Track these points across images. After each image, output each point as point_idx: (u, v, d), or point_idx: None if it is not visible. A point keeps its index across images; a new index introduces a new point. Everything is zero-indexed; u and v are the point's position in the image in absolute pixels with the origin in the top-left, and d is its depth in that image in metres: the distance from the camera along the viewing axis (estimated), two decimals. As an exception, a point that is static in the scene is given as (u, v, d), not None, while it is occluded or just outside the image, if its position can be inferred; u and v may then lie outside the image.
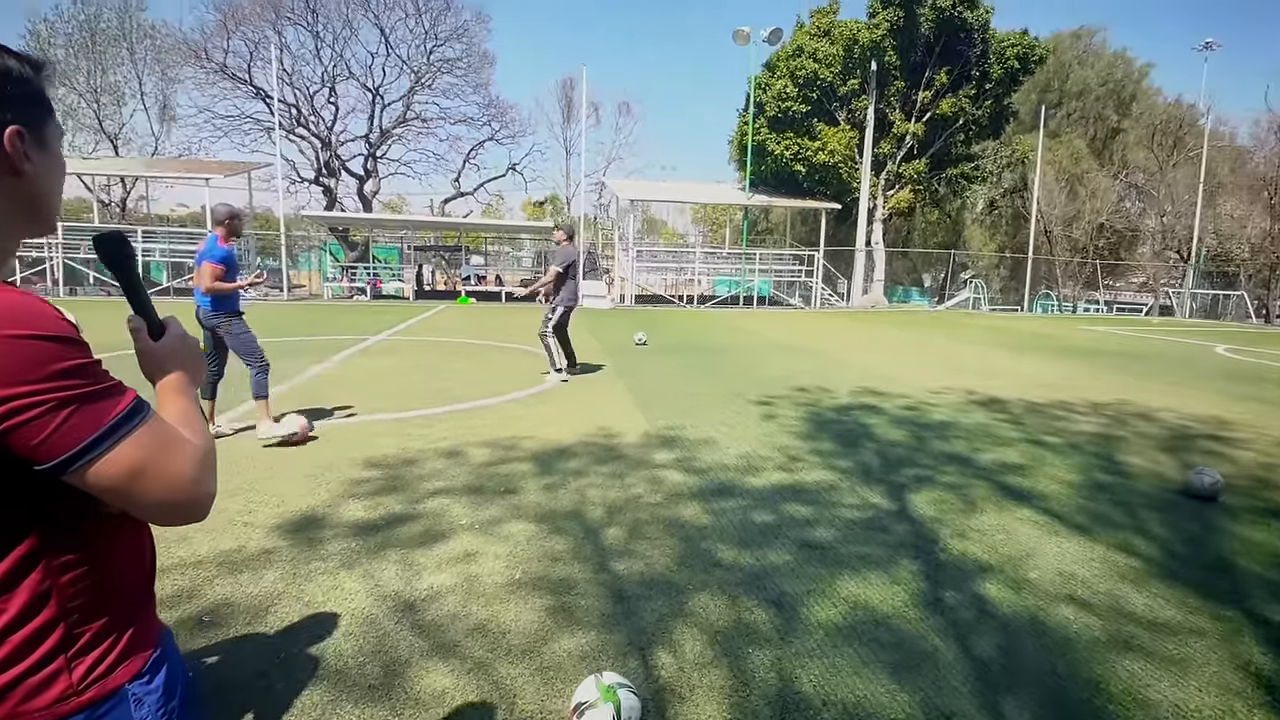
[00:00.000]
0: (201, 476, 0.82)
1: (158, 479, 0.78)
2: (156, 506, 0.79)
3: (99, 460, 0.74)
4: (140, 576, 0.92)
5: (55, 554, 0.79)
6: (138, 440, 0.77)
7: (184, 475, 0.80)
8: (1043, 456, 5.31)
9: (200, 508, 0.83)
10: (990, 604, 2.94)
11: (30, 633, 0.78)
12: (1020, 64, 28.67)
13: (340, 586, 2.92)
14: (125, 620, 0.88)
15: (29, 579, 0.77)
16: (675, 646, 2.55)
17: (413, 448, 5.03)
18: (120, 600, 0.87)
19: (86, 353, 0.77)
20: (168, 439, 0.81)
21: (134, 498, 0.78)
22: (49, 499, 0.77)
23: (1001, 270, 39.30)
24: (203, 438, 0.86)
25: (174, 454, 0.80)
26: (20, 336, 0.71)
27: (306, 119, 33.23)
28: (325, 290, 27.30)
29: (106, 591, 0.85)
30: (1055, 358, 12.32)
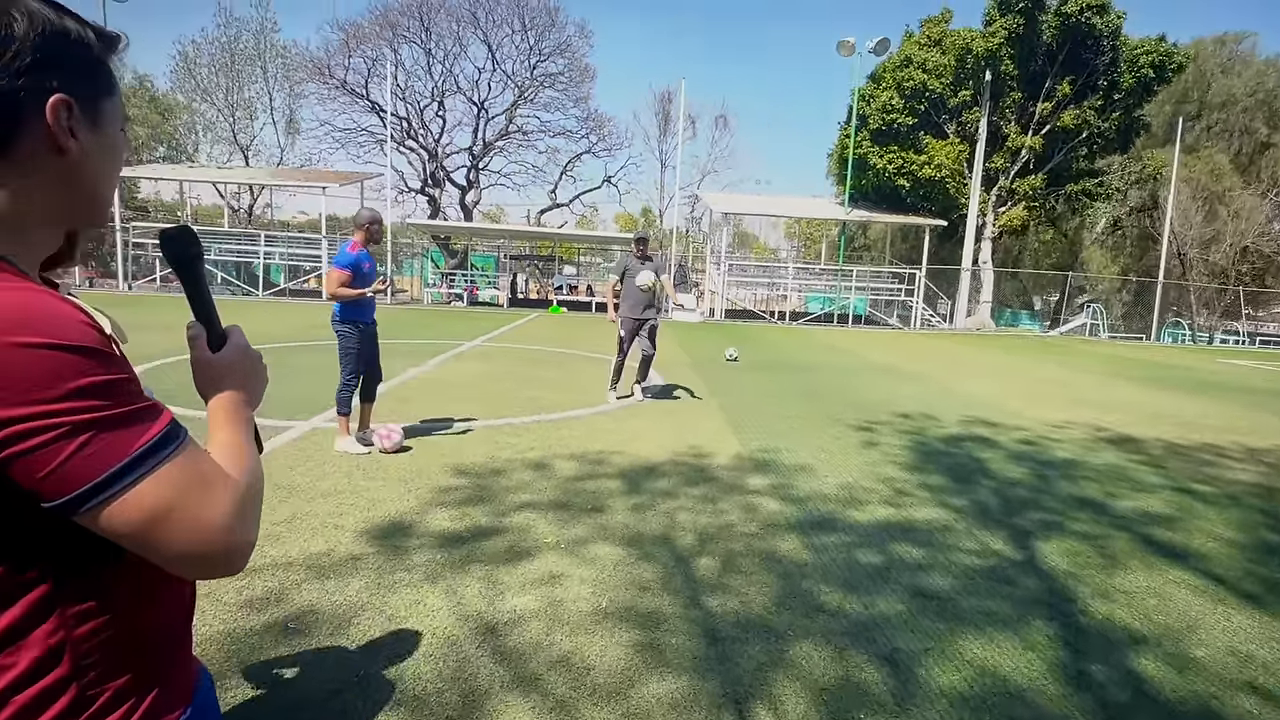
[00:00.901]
0: (238, 524, 0.67)
1: (184, 524, 0.63)
2: (180, 557, 0.64)
3: (115, 500, 0.60)
4: (172, 626, 0.77)
5: (72, 601, 0.66)
6: (165, 477, 0.62)
7: (217, 522, 0.65)
8: (1193, 508, 4.67)
9: (234, 559, 0.67)
10: (1149, 684, 2.50)
11: (37, 693, 0.64)
12: (1155, 73, 26.47)
13: (423, 601, 2.82)
14: (151, 677, 0.73)
15: (40, 630, 0.64)
16: (776, 703, 2.28)
17: (501, 457, 4.96)
18: (147, 654, 0.73)
19: (114, 367, 0.62)
20: (203, 476, 0.66)
21: (153, 545, 0.63)
22: (65, 539, 0.63)
23: (1124, 295, 36.33)
24: (248, 474, 0.71)
25: (209, 495, 0.65)
26: (30, 345, 0.57)
27: (416, 132, 34.87)
28: (425, 295, 28.42)
29: (130, 645, 0.71)
30: (1193, 393, 11.10)
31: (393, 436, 4.90)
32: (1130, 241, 37.15)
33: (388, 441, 4.88)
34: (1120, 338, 29.80)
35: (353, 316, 4.95)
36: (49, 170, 0.67)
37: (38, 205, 0.67)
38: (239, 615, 2.63)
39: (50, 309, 0.59)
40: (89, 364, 0.59)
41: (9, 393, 0.55)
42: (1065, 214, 31.70)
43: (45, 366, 0.57)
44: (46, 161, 0.66)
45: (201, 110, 37.41)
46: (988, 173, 28.41)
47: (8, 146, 0.64)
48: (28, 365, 0.56)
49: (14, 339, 0.56)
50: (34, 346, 0.57)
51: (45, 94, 0.64)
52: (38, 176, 0.66)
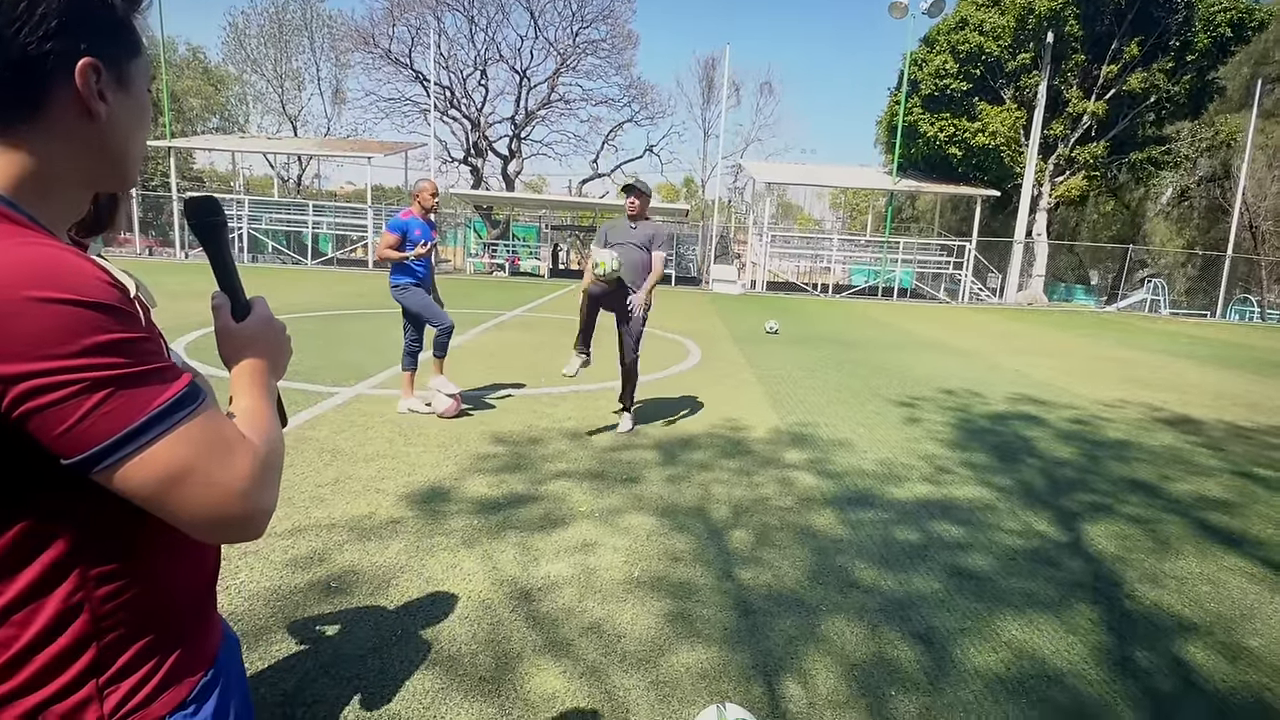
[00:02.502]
0: (256, 489, 0.66)
1: (202, 487, 0.63)
2: (198, 519, 0.64)
3: (132, 459, 0.60)
4: (196, 589, 0.79)
5: (92, 562, 0.67)
6: (184, 437, 0.62)
7: (235, 485, 0.65)
8: (1255, 493, 4.46)
9: (252, 524, 0.67)
10: (1198, 673, 2.42)
11: (58, 652, 0.66)
12: (1233, 32, 24.80)
13: (459, 565, 2.88)
14: (173, 640, 0.75)
15: (59, 590, 0.65)
16: (806, 677, 2.28)
17: (539, 426, 5.01)
18: (169, 617, 0.74)
19: (134, 325, 0.62)
20: (223, 439, 0.66)
21: (170, 507, 0.63)
22: (85, 498, 0.64)
23: (1189, 269, 34.62)
24: (268, 441, 0.71)
25: (228, 458, 0.65)
26: (49, 300, 0.57)
27: (459, 101, 34.98)
28: (468, 265, 28.74)
29: (152, 607, 0.72)
30: (1260, 373, 10.57)
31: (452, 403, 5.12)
32: (1198, 213, 35.25)
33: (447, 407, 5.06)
34: (1183, 314, 28.49)
35: (402, 280, 5.17)
36: (77, 134, 0.66)
37: (65, 168, 0.67)
38: (284, 573, 2.73)
39: (71, 265, 0.59)
40: (108, 321, 0.60)
41: (26, 347, 0.56)
42: (1128, 184, 30.25)
43: (63, 322, 0.57)
44: (75, 125, 0.66)
45: (251, 81, 38.16)
46: (1045, 140, 27.20)
47: (37, 111, 0.64)
48: (46, 320, 0.56)
49: (33, 293, 0.56)
50: (53, 301, 0.57)
51: (74, 57, 0.64)
52: (65, 140, 0.66)
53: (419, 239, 5.07)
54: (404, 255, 5.03)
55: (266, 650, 2.24)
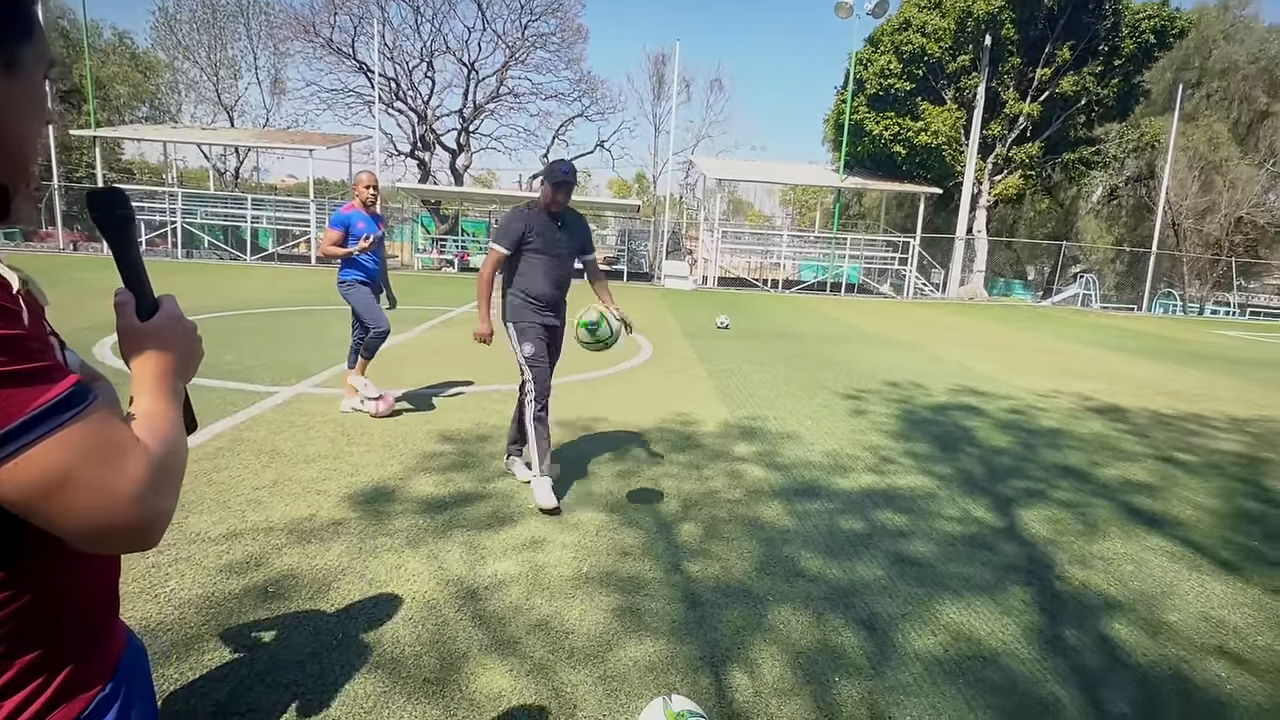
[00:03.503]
0: (151, 494, 0.62)
1: (86, 493, 0.59)
2: (83, 528, 0.60)
3: (6, 464, 0.56)
4: (91, 601, 0.74)
5: None
6: (67, 440, 0.58)
7: (125, 490, 0.61)
8: (1175, 476, 4.71)
9: (144, 533, 0.63)
10: (1121, 649, 2.54)
11: None
12: (1156, 38, 26.10)
13: (404, 566, 2.82)
14: (66, 654, 0.70)
15: None
16: (752, 666, 2.30)
17: (488, 423, 4.95)
18: (59, 631, 0.70)
19: (14, 322, 0.58)
20: (114, 442, 0.62)
21: (51, 515, 0.59)
22: None
23: (1118, 265, 36.31)
24: (167, 444, 0.67)
25: (118, 462, 0.61)
26: None
27: (405, 93, 34.16)
28: (415, 261, 28.16)
29: (40, 621, 0.67)
30: (1183, 364, 11.16)
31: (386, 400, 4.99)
32: (1125, 211, 36.99)
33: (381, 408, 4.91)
34: (1112, 308, 29.88)
35: (350, 276, 5.01)
36: None
37: None
38: (218, 579, 2.63)
39: None
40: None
41: None
42: (1061, 183, 31.53)
43: None
44: None
45: (184, 69, 36.54)
46: (984, 140, 28.11)
47: None
48: None
49: None
50: None
51: None
52: None
53: (362, 233, 4.94)
54: (347, 251, 4.90)
55: (198, 660, 2.15)
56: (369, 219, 5.00)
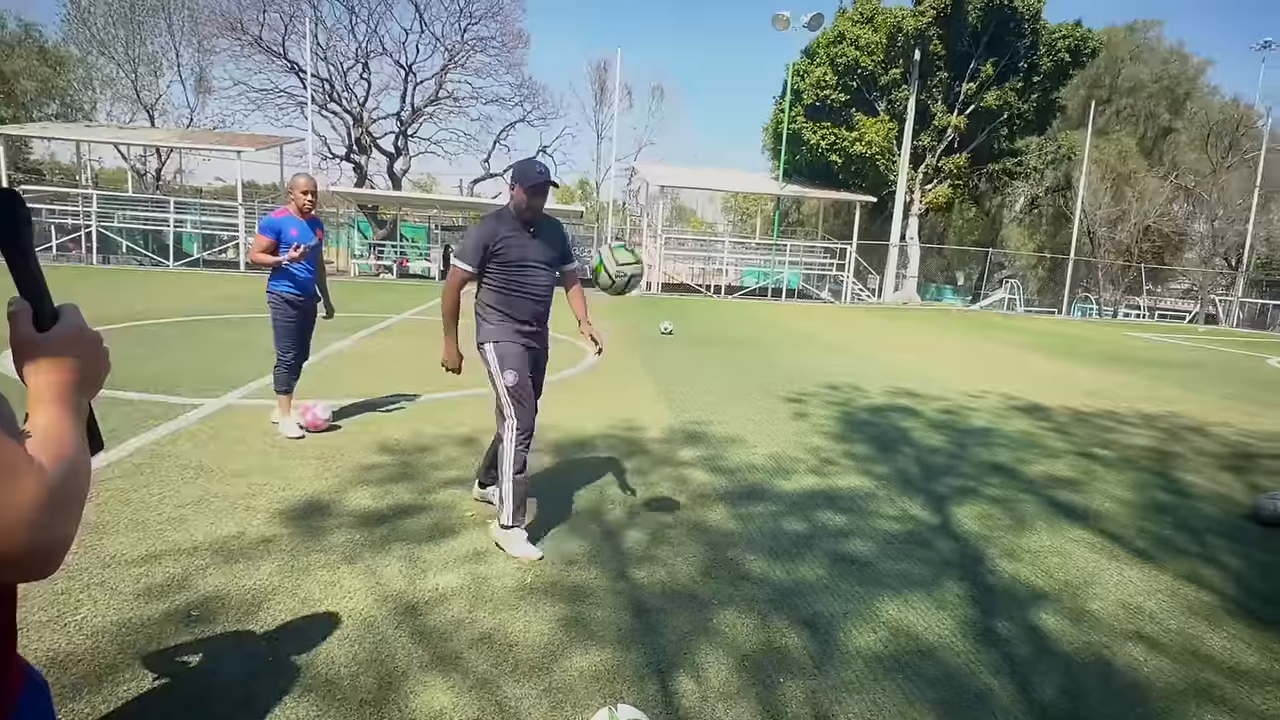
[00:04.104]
0: (46, 518, 0.58)
1: None
2: None
3: None
4: None
5: None
6: None
7: (15, 515, 0.56)
8: (1094, 471, 4.96)
9: (40, 560, 0.58)
10: (1049, 638, 2.65)
11: None
12: (1071, 57, 27.63)
13: (339, 583, 2.71)
14: None
15: None
16: (698, 671, 2.30)
17: (428, 433, 4.83)
18: None
19: None
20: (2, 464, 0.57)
21: None
22: None
23: (1040, 271, 38.21)
24: (65, 463, 0.62)
25: (5, 484, 0.56)
26: None
27: (339, 95, 33.24)
28: (352, 267, 27.38)
29: None
30: (1098, 364, 11.80)
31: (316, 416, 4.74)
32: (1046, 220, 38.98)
33: (310, 417, 4.70)
34: (1035, 311, 31.39)
35: (279, 287, 4.62)
36: None
37: None
38: (136, 605, 2.47)
39: None
40: None
41: None
42: (987, 192, 32.97)
43: None
44: None
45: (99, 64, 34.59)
46: (915, 151, 29.18)
47: None
48: None
49: None
50: None
51: None
52: None
53: (294, 240, 4.58)
54: (277, 260, 4.52)
55: (113, 691, 2.02)
56: (303, 225, 4.65)
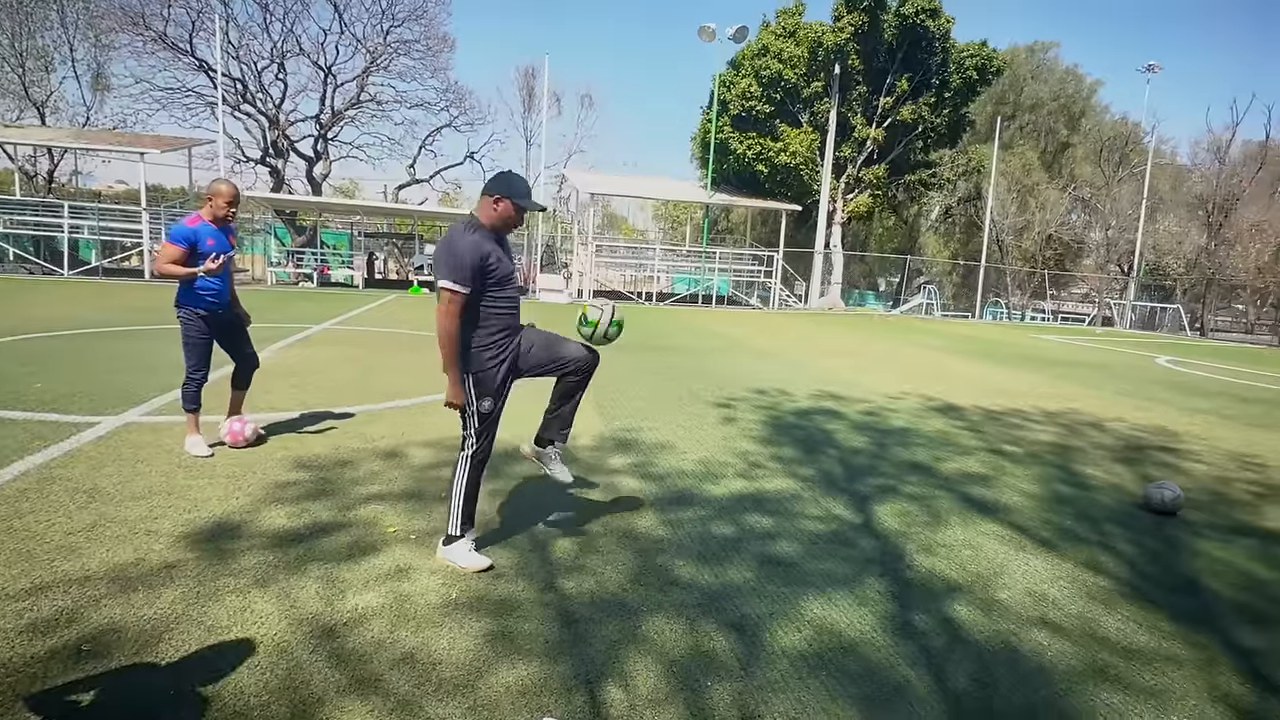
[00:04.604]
0: None
1: None
2: None
3: None
4: None
5: None
6: None
7: None
8: (1003, 467, 5.23)
9: None
10: (962, 628, 2.77)
11: None
12: (978, 75, 29.25)
13: (250, 608, 2.58)
14: None
15: None
16: (627, 679, 2.30)
17: (348, 447, 4.66)
18: None
19: None
20: None
21: None
22: None
23: (954, 277, 40.18)
24: None
25: None
26: None
27: (253, 96, 31.84)
28: (269, 276, 26.22)
29: None
30: (1007, 365, 12.48)
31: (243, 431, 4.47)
32: (959, 228, 41.05)
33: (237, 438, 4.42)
34: (951, 316, 32.98)
35: (190, 301, 4.26)
36: None
37: None
38: (18, 642, 2.28)
39: None
40: None
41: None
42: (905, 202, 34.49)
43: None
44: None
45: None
46: (837, 161, 30.22)
47: None
48: None
49: None
50: None
51: None
52: None
53: (212, 251, 4.21)
54: (191, 271, 4.16)
55: (-11, 739, 1.85)
56: (220, 234, 4.30)
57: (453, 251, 2.84)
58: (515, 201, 2.94)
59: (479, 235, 2.91)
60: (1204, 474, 5.38)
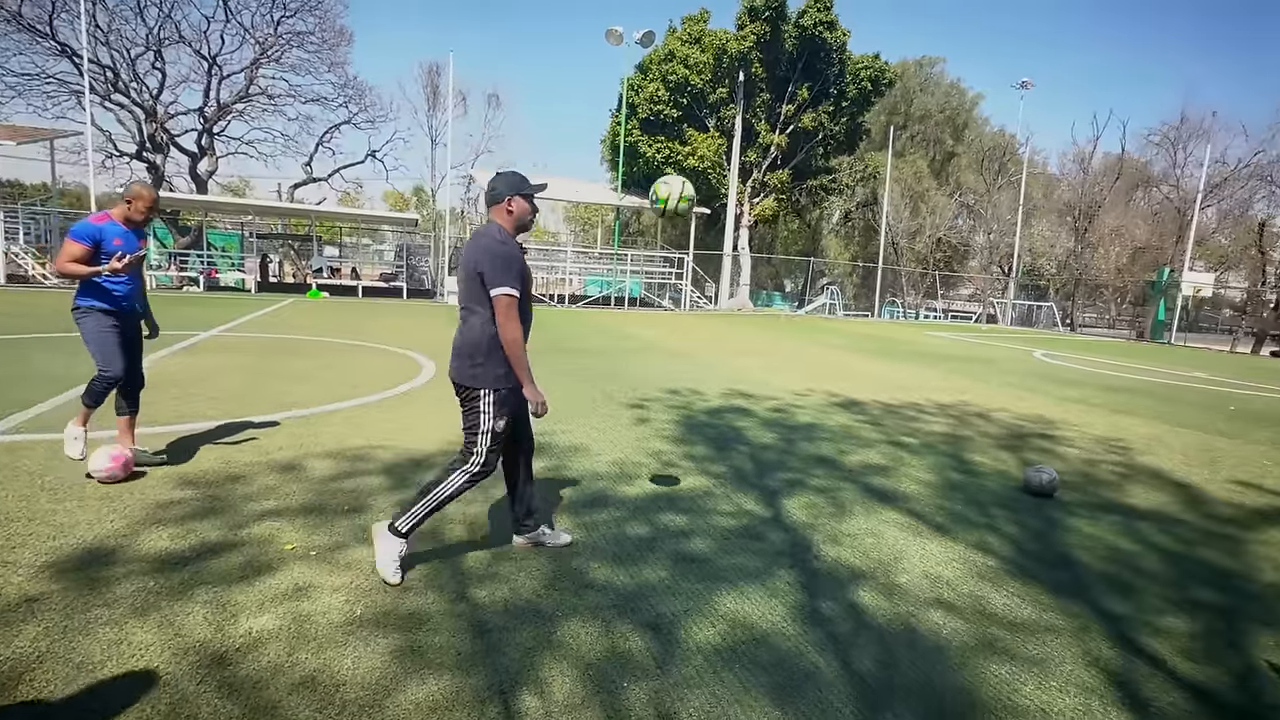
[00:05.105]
0: None
1: None
2: None
3: None
4: None
5: None
6: None
7: None
8: (902, 457, 5.51)
9: None
10: (865, 613, 2.89)
11: None
12: (872, 85, 30.75)
13: (128, 640, 2.37)
14: None
15: None
16: (542, 686, 2.26)
17: (240, 461, 4.37)
18: None
19: None
20: None
21: None
22: None
23: (855, 278, 42.10)
24: None
25: None
26: None
27: (126, 85, 29.43)
28: (149, 280, 24.30)
29: None
30: (905, 361, 13.17)
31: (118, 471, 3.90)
32: (858, 232, 43.07)
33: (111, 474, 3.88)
34: (852, 315, 34.51)
35: (94, 295, 3.97)
36: None
37: None
38: None
39: None
40: None
41: None
42: (808, 206, 35.80)
43: None
44: None
45: None
46: (744, 166, 31.06)
47: None
48: None
49: None
50: None
51: None
52: None
53: (120, 249, 3.93)
54: (94, 270, 3.88)
55: None
56: (128, 234, 4.02)
57: (500, 255, 2.83)
58: (525, 194, 2.98)
59: (510, 238, 2.94)
60: (1076, 457, 5.86)
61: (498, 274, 2.81)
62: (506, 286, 2.81)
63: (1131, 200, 37.74)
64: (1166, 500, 4.78)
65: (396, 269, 29.66)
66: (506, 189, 2.96)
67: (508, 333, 2.83)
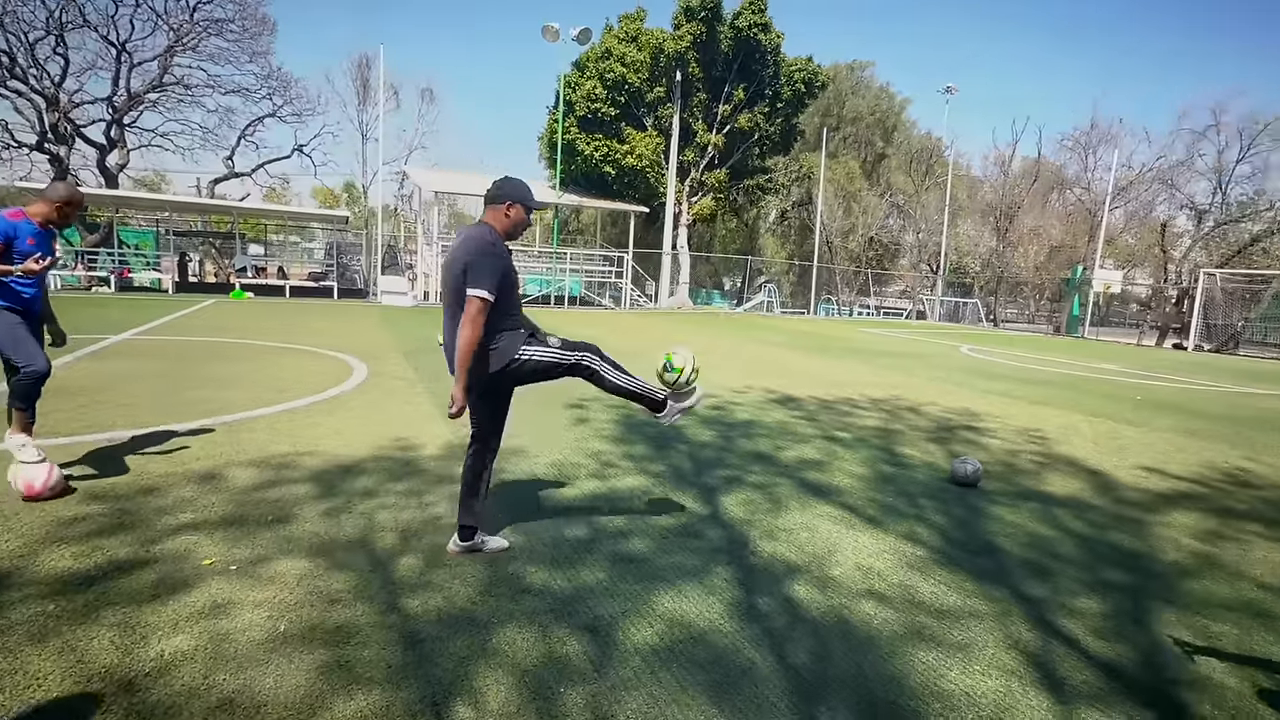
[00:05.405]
0: None
1: None
2: None
3: None
4: None
5: None
6: None
7: None
8: (836, 452, 5.64)
9: None
10: (800, 607, 2.94)
11: None
12: (806, 87, 31.43)
13: (23, 669, 2.20)
14: None
15: None
16: (477, 696, 2.21)
17: (154, 472, 4.13)
18: None
19: None
20: None
21: None
22: None
23: (791, 276, 42.96)
24: None
25: None
26: None
27: (24, 71, 27.48)
28: (53, 280, 22.77)
29: None
30: (840, 357, 13.52)
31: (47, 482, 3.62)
32: (794, 231, 43.96)
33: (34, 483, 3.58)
34: (789, 312, 35.22)
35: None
36: None
37: None
38: None
39: None
40: None
41: None
42: (745, 205, 36.32)
43: None
44: None
45: None
46: (681, 165, 31.27)
47: None
48: None
49: None
50: None
51: None
52: None
53: (32, 251, 3.72)
54: (6, 269, 3.66)
55: None
56: (42, 235, 3.80)
57: (488, 256, 2.92)
58: (526, 205, 3.11)
59: (498, 240, 3.05)
60: (998, 448, 6.13)
61: (478, 275, 2.87)
62: (483, 290, 2.86)
63: (1048, 202, 39.77)
64: (1080, 487, 5.05)
65: (327, 268, 28.66)
66: (511, 194, 3.08)
67: (468, 332, 2.88)
